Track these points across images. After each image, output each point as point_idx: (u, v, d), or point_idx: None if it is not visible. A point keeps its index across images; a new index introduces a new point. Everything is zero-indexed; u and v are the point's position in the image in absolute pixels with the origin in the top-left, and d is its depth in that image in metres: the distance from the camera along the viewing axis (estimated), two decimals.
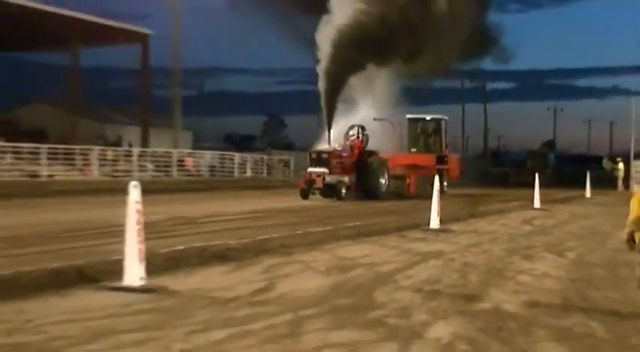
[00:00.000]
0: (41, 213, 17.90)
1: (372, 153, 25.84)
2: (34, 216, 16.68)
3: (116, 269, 7.59)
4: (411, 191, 27.24)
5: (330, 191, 23.86)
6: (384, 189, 25.58)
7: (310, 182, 24.02)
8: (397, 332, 5.86)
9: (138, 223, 7.37)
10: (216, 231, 13.46)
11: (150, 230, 8.01)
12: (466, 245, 12.23)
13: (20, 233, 12.58)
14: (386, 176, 25.88)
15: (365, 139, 25.96)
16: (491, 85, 74.74)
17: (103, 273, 7.86)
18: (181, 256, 9.38)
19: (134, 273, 7.37)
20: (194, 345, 5.27)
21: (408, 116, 32.82)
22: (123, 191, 7.76)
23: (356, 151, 25.43)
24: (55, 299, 6.83)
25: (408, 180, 27.69)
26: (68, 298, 6.91)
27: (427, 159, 30.97)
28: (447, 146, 33.22)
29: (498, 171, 54.85)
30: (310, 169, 24.23)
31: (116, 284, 7.36)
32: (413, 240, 12.66)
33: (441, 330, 5.98)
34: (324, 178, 23.48)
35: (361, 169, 24.96)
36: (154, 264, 7.90)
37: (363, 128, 26.14)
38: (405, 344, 5.46)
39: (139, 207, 7.48)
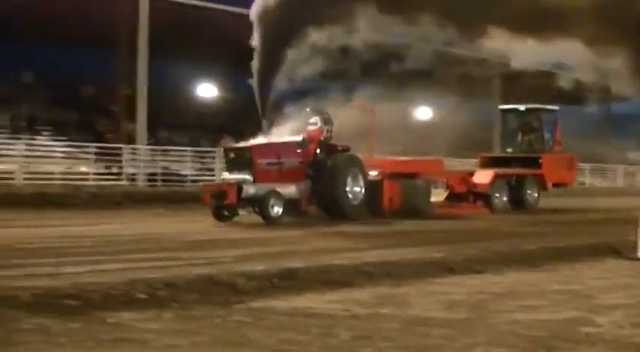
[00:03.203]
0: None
1: (334, 147, 11.85)
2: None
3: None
4: (385, 206, 12.27)
5: (255, 207, 10.56)
6: (355, 203, 11.53)
7: (219, 195, 10.43)
8: None
9: None
10: None
11: None
12: None
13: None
14: (361, 182, 11.69)
15: (328, 131, 11.82)
16: None
17: (622, 248, 7.95)
18: None
19: None
20: None
21: (501, 107, 18.62)
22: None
23: (312, 147, 11.53)
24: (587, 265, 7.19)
25: (383, 191, 12.20)
26: (598, 264, 7.22)
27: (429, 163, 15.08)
28: (559, 144, 17.54)
29: None
30: (223, 175, 11.24)
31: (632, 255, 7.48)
32: None
33: None
34: (239, 189, 10.30)
35: (318, 173, 11.46)
36: None
37: (326, 116, 11.86)
38: None
39: None
